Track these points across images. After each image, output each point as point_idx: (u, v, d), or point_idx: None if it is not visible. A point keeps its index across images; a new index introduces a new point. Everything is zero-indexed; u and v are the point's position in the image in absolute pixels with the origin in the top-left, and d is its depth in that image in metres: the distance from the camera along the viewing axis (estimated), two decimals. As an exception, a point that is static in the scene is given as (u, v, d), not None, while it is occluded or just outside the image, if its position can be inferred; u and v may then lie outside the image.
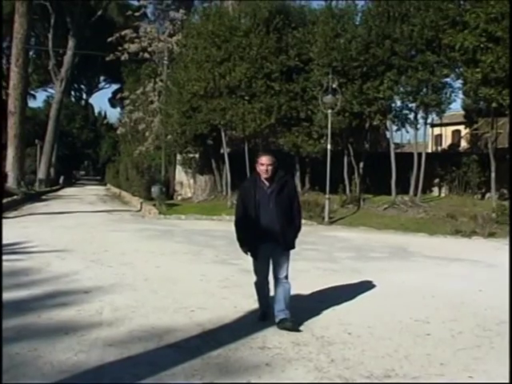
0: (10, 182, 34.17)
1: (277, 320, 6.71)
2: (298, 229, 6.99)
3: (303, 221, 7.56)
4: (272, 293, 7.00)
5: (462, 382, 5.26)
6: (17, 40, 36.18)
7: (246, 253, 6.96)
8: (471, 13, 19.48)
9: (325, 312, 7.55)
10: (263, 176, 6.77)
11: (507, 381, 5.21)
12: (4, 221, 19.16)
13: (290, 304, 6.76)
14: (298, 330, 6.62)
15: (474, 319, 7.41)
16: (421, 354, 5.94)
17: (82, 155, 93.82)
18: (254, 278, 7.07)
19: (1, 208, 20.51)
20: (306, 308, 7.59)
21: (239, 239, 6.96)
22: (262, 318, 7.09)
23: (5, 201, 25.42)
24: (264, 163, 6.73)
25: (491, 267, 11.82)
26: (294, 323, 6.67)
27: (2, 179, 25.38)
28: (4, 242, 13.00)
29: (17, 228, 17.32)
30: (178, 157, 31.64)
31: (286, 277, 6.83)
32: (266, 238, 6.73)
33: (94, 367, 5.39)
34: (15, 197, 29.42)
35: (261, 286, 7.06)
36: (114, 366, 5.45)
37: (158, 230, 18.02)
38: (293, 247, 6.90)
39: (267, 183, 6.78)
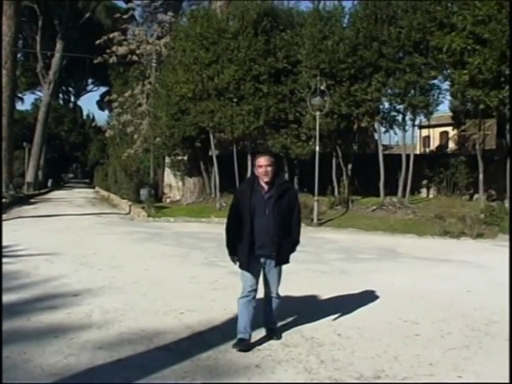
0: (-2, 186, 34.02)
1: (266, 326, 6.53)
2: (296, 243, 6.38)
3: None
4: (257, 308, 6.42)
5: (452, 382, 5.29)
6: (4, 42, 36.07)
7: (234, 262, 6.32)
8: (458, 15, 19.54)
9: (314, 313, 7.56)
10: (263, 179, 6.13)
11: (507, 381, 5.24)
12: (-8, 224, 19.09)
13: (278, 315, 6.57)
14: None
15: (463, 320, 7.45)
16: (410, 355, 5.97)
17: (70, 158, 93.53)
18: (244, 289, 6.28)
19: (0, 209, 20.39)
20: (295, 309, 7.60)
21: (228, 246, 6.29)
22: (237, 344, 6.02)
23: (-8, 204, 25.34)
24: (262, 164, 6.11)
25: (480, 268, 11.87)
26: (279, 334, 6.50)
27: (1, 178, 25.26)
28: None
29: (5, 231, 17.18)
30: (167, 159, 31.64)
31: (277, 294, 6.40)
32: (259, 249, 6.12)
33: (84, 370, 5.39)
34: (3, 200, 29.30)
35: (244, 305, 6.19)
36: (104, 369, 5.44)
37: (146, 232, 18.00)
38: (286, 262, 6.33)
39: (266, 187, 6.16)
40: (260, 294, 6.41)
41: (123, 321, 7.11)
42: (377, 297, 8.67)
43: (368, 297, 8.65)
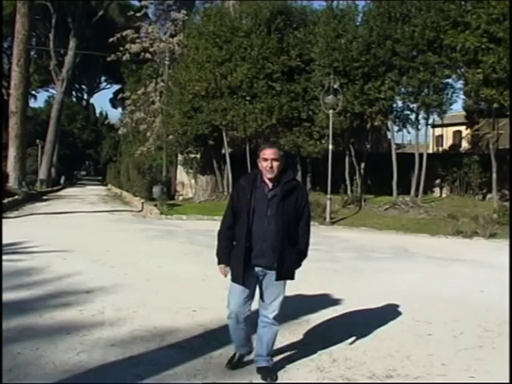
0: (11, 182, 34.11)
1: (257, 365, 5.32)
2: (303, 255, 5.31)
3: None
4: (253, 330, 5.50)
5: (464, 382, 5.27)
6: (18, 40, 36.15)
7: (224, 274, 5.37)
8: (472, 13, 19.49)
9: (326, 312, 7.55)
10: (267, 175, 5.09)
11: (507, 381, 5.22)
12: (5, 221, 19.16)
13: (272, 350, 5.40)
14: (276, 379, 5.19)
15: (476, 320, 7.42)
16: (422, 354, 5.94)
17: (83, 155, 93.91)
18: (229, 309, 5.39)
19: (1, 208, 20.46)
20: (307, 308, 7.59)
21: (219, 254, 5.35)
22: (231, 363, 5.49)
23: (6, 201, 25.41)
24: (268, 158, 5.05)
25: (492, 268, 11.82)
26: (274, 375, 5.20)
27: (2, 179, 25.30)
28: (5, 241, 13.02)
29: (18, 228, 17.31)
30: (180, 157, 31.67)
31: (276, 318, 5.23)
32: (256, 258, 5.09)
33: (96, 367, 5.40)
34: (16, 197, 29.40)
35: (235, 326, 5.32)
36: (116, 366, 5.45)
37: (159, 230, 18.01)
38: (291, 277, 5.24)
39: (270, 184, 5.12)
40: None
41: (136, 318, 7.12)
42: (389, 296, 8.63)
43: (380, 296, 8.62)
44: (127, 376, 5.20)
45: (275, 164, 5.06)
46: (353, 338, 6.34)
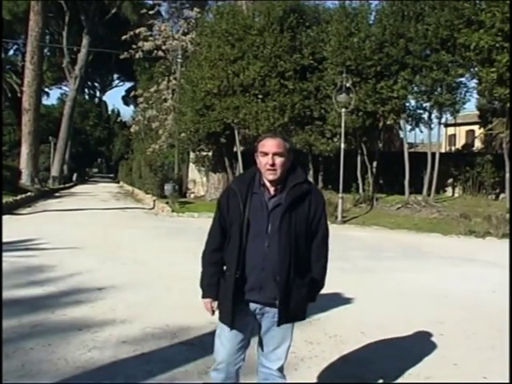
0: (24, 179, 34.30)
1: None
2: (319, 285, 3.97)
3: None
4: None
5: (476, 382, 5.24)
6: (31, 38, 36.33)
7: (212, 311, 3.91)
8: (487, 12, 19.38)
9: (337, 311, 7.54)
10: (268, 176, 3.69)
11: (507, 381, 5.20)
12: (18, 217, 19.31)
13: None
14: None
15: (488, 320, 7.39)
16: (434, 354, 5.92)
17: (95, 153, 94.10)
18: (217, 359, 3.92)
19: (0, 207, 20.46)
20: (318, 307, 7.55)
21: (202, 285, 4.04)
22: None
23: (18, 197, 25.58)
24: (268, 151, 3.65)
25: (505, 268, 11.72)
26: None
27: (1, 175, 25.35)
28: (18, 238, 13.14)
29: (30, 224, 17.38)
30: (191, 155, 31.71)
31: (281, 369, 3.87)
32: (251, 292, 3.70)
33: (108, 364, 5.41)
34: (29, 194, 29.55)
35: (223, 381, 3.89)
36: (128, 363, 5.46)
37: (171, 227, 18.05)
38: (301, 318, 3.88)
39: (272, 189, 3.71)
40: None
41: (147, 315, 7.13)
42: (401, 295, 8.62)
43: (392, 295, 8.60)
44: (138, 373, 5.21)
45: (278, 160, 3.64)
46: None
